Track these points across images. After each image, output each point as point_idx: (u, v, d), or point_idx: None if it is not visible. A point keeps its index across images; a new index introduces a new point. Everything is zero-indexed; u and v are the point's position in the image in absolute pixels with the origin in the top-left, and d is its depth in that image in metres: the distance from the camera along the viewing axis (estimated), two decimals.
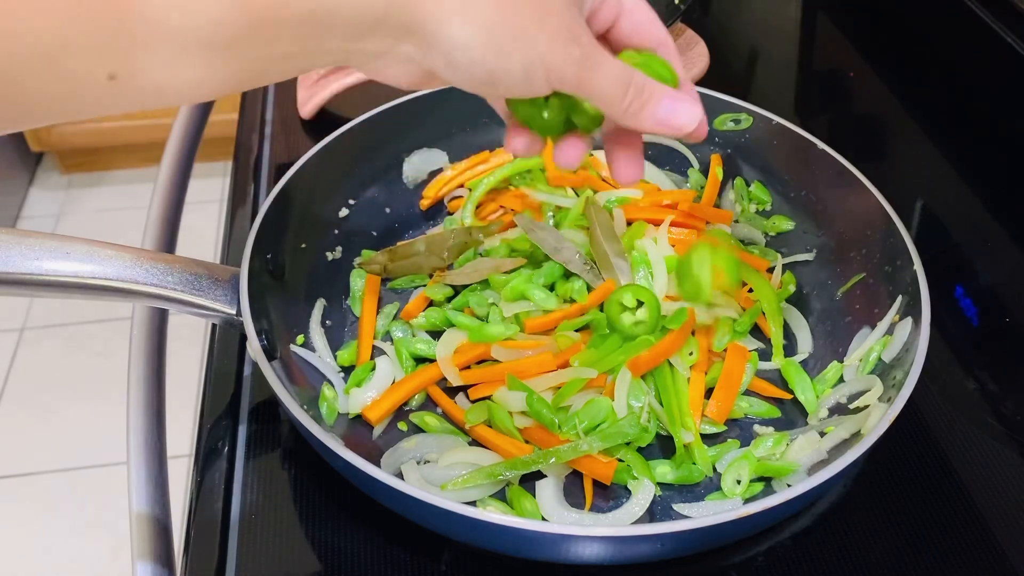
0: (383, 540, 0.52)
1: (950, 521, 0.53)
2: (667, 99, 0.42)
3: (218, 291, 0.54)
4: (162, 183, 0.77)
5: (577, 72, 0.38)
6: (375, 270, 0.66)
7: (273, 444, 0.57)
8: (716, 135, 0.74)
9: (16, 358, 1.87)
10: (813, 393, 0.59)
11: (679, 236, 0.67)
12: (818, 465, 0.52)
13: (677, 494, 0.54)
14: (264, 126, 0.85)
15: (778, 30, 1.05)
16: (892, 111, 0.90)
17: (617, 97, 0.40)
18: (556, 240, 0.64)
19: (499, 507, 0.52)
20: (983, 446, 0.58)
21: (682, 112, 0.42)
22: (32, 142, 2.19)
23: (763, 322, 0.63)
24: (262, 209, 0.59)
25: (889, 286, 0.60)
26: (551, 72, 0.38)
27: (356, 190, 0.69)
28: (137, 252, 0.52)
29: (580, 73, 0.38)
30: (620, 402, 0.56)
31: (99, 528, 1.56)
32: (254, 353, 0.51)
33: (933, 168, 0.82)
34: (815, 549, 0.52)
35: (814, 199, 0.69)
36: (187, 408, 1.61)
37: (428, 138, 0.73)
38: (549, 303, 0.62)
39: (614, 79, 0.40)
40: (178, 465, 0.69)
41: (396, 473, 0.53)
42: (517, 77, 0.37)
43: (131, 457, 0.56)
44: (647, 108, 0.41)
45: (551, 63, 0.37)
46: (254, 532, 0.52)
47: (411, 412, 0.59)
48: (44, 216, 2.23)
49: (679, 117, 0.42)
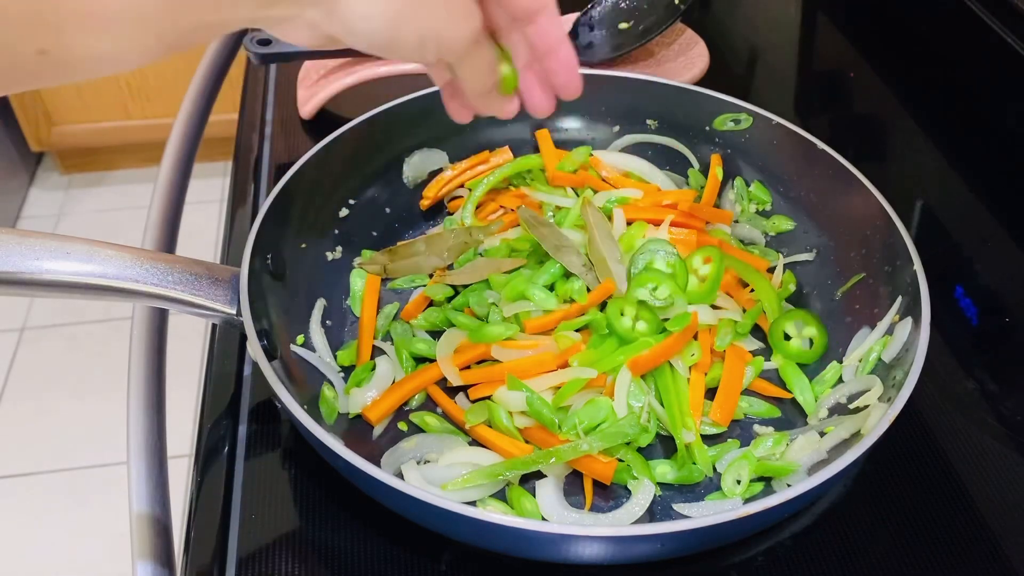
0: (383, 540, 0.52)
1: (950, 521, 0.53)
2: (509, 105, 0.49)
3: (218, 291, 0.54)
4: (162, 183, 0.77)
5: (464, 50, 0.42)
6: (375, 270, 0.66)
7: (273, 444, 0.57)
8: (716, 135, 0.74)
9: (16, 358, 1.87)
10: (812, 394, 0.59)
11: (679, 236, 0.67)
12: (818, 465, 0.52)
13: (677, 494, 0.54)
14: (264, 126, 0.85)
15: (778, 30, 1.05)
16: (892, 111, 0.90)
17: (479, 82, 0.45)
18: (557, 237, 0.64)
19: (499, 507, 0.52)
20: (983, 446, 0.58)
21: (512, 110, 0.49)
22: (32, 142, 2.19)
23: (764, 322, 0.63)
24: (262, 209, 0.59)
25: (889, 286, 0.60)
26: (442, 46, 0.41)
27: (356, 190, 0.69)
28: (137, 252, 0.52)
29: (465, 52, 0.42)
30: (620, 402, 0.56)
31: (99, 528, 1.56)
32: (254, 353, 0.51)
33: (933, 168, 0.83)
34: (815, 549, 0.52)
35: (814, 199, 0.69)
36: (187, 408, 1.61)
37: (428, 138, 0.73)
38: (549, 303, 0.62)
39: (486, 66, 0.45)
40: (178, 465, 0.69)
41: (396, 473, 0.53)
42: (412, 46, 0.41)
43: (131, 457, 0.56)
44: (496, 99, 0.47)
45: (443, 38, 0.41)
46: (254, 532, 0.52)
47: (411, 412, 0.59)
48: (44, 216, 2.23)
49: (508, 112, 0.49)
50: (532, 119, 0.49)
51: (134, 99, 2.13)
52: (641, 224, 0.68)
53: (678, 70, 0.89)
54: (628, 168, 0.75)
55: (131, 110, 2.16)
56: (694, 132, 0.75)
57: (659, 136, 0.76)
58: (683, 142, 0.75)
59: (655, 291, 0.61)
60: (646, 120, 0.76)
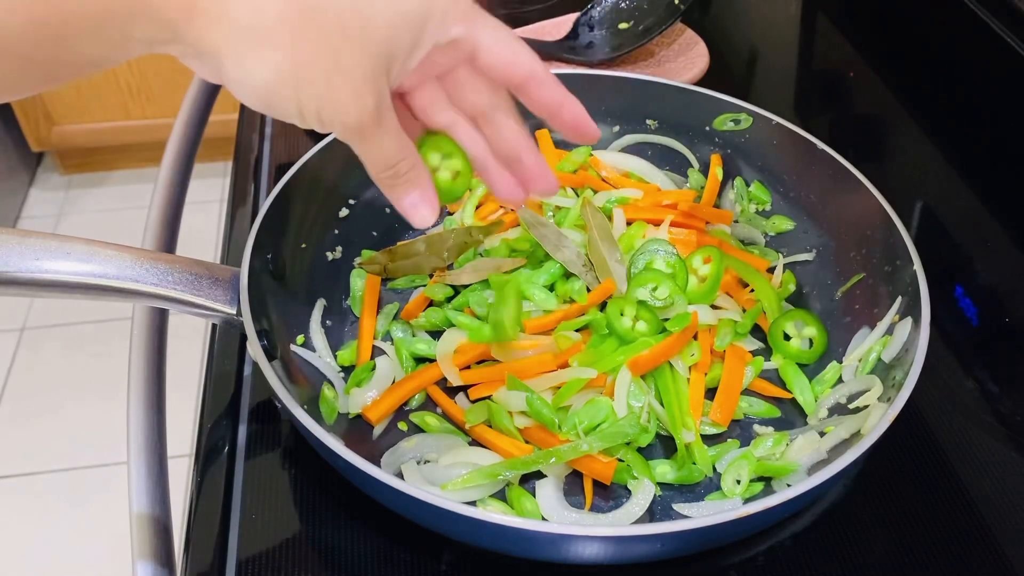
0: (383, 540, 0.52)
1: (950, 521, 0.53)
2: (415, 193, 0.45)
3: (218, 291, 0.54)
4: (162, 183, 0.77)
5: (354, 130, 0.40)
6: (375, 270, 0.66)
7: (273, 444, 0.57)
8: (716, 135, 0.74)
9: (16, 358, 1.87)
10: (811, 394, 0.59)
11: (679, 236, 0.67)
12: (818, 465, 0.52)
13: (677, 494, 0.54)
14: (264, 126, 0.85)
15: (778, 30, 1.05)
16: (892, 111, 0.90)
17: (376, 168, 0.43)
18: (557, 237, 0.64)
19: (499, 507, 0.52)
20: (983, 446, 0.58)
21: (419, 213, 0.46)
22: (32, 142, 2.19)
23: (764, 322, 0.63)
24: (262, 209, 0.59)
25: (889, 286, 0.60)
26: (324, 121, 0.40)
27: (356, 190, 0.69)
28: (137, 252, 0.52)
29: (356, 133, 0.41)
30: (620, 402, 0.56)
31: (99, 528, 1.56)
32: (254, 353, 0.51)
33: (933, 168, 0.83)
34: (815, 549, 0.52)
35: (814, 199, 0.69)
36: (187, 408, 1.61)
37: None
38: (549, 303, 0.62)
39: (380, 155, 0.42)
40: (178, 465, 0.69)
41: (396, 473, 0.53)
42: (290, 114, 0.40)
43: (131, 457, 0.56)
44: (395, 191, 0.45)
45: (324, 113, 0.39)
46: (254, 532, 0.52)
47: (411, 412, 0.59)
48: (44, 216, 2.23)
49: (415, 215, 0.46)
50: (532, 119, 0.48)
51: (134, 99, 2.13)
52: (641, 224, 0.68)
53: (678, 70, 0.89)
54: (628, 168, 0.75)
55: (131, 110, 2.16)
56: (694, 132, 0.75)
57: (659, 136, 0.76)
58: (683, 142, 0.75)
59: (655, 291, 0.61)
60: (646, 120, 0.76)
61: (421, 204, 0.45)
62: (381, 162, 0.43)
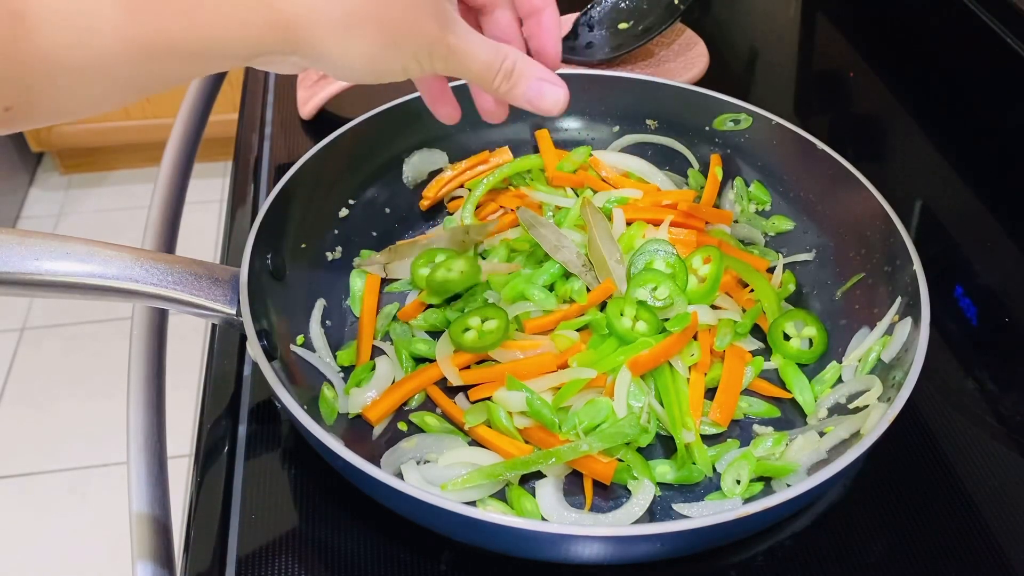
0: (383, 540, 0.52)
1: (950, 521, 0.53)
2: (535, 80, 0.46)
3: (218, 291, 0.54)
4: (162, 183, 0.77)
5: (446, 65, 0.43)
6: (375, 270, 0.66)
7: (273, 444, 0.57)
8: (716, 135, 0.74)
9: (16, 358, 1.88)
10: (811, 394, 0.59)
11: (679, 236, 0.67)
12: (818, 465, 0.52)
13: (677, 494, 0.54)
14: (264, 126, 0.85)
15: (778, 30, 1.05)
16: (892, 111, 0.90)
17: (487, 81, 0.45)
18: (557, 238, 0.64)
19: (499, 507, 0.52)
20: (983, 446, 0.58)
21: (548, 93, 0.46)
22: (32, 142, 2.19)
23: (763, 322, 0.63)
24: (262, 209, 0.59)
25: (889, 286, 0.60)
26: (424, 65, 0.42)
27: (356, 190, 0.69)
28: (137, 252, 0.52)
29: (450, 65, 0.43)
30: (620, 402, 0.56)
31: (99, 528, 1.56)
32: (254, 353, 0.51)
33: (933, 168, 0.83)
34: (815, 549, 0.52)
35: (814, 199, 0.69)
36: (187, 408, 1.61)
37: (428, 138, 0.73)
38: (549, 303, 0.62)
39: (483, 65, 0.44)
40: (178, 465, 0.69)
41: (396, 473, 0.53)
42: (397, 74, 0.42)
43: (131, 457, 0.56)
44: (516, 89, 0.46)
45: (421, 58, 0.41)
46: (254, 532, 0.52)
47: (411, 412, 0.59)
48: (44, 216, 2.23)
49: (545, 99, 0.46)
50: (532, 119, 0.49)
51: None
52: (641, 224, 0.68)
53: (678, 70, 0.89)
54: (628, 168, 0.75)
55: (131, 110, 2.16)
56: (694, 132, 0.75)
57: (659, 136, 0.76)
58: (683, 142, 0.75)
59: (655, 291, 0.61)
60: (646, 120, 0.76)
61: (548, 90, 0.46)
62: (488, 71, 0.44)
